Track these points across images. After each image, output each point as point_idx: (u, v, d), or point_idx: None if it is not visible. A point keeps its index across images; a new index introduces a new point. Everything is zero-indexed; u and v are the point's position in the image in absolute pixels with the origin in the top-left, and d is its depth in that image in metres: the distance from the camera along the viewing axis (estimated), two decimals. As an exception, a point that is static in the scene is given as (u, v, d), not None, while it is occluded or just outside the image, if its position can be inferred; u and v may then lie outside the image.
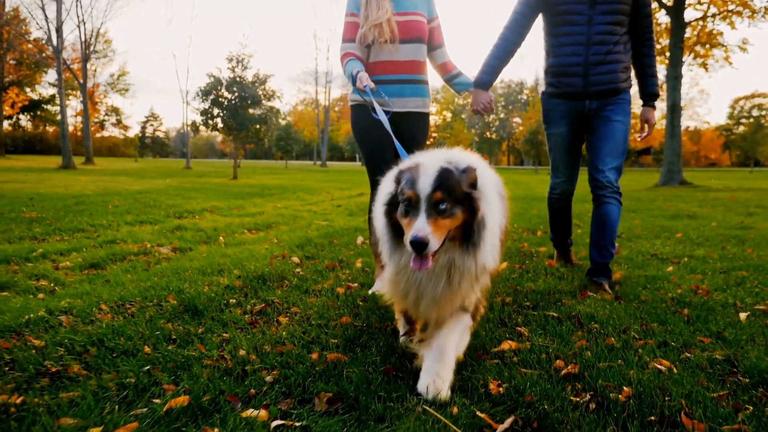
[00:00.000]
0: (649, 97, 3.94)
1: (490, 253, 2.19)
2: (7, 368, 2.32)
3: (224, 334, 2.82)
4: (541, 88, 4.16)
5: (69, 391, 2.10)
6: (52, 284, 3.98)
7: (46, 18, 29.83)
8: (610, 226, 3.82)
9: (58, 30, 29.17)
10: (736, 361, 2.43)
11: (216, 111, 23.54)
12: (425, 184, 2.02)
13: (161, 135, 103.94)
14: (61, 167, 28.58)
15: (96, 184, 16.01)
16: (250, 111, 23.75)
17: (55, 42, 29.57)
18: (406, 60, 3.67)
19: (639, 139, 4.30)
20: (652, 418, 1.92)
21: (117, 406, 1.98)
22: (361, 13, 3.61)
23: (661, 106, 24.58)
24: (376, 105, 3.32)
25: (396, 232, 2.20)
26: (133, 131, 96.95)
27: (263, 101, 24.14)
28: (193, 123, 24.47)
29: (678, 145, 19.48)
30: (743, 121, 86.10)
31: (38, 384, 2.17)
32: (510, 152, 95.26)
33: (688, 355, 2.53)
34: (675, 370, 2.33)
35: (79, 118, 56.80)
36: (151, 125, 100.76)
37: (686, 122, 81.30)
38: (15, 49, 41.06)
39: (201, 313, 3.19)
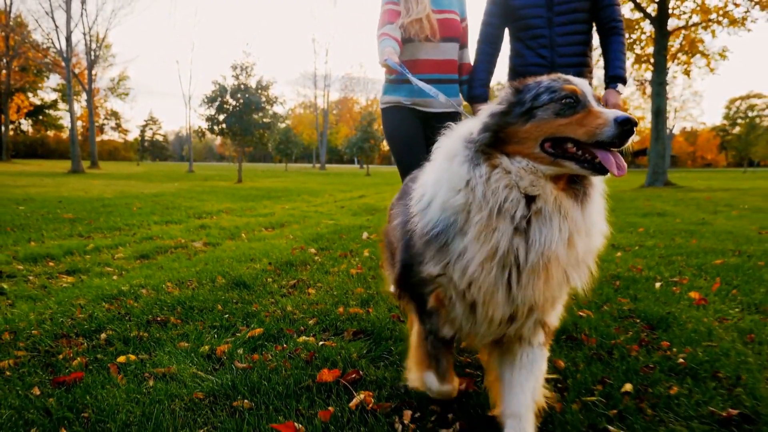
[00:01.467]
0: (611, 78, 3.74)
1: (600, 219, 1.71)
2: (125, 318, 3.33)
3: (271, 299, 3.83)
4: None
5: (176, 330, 3.11)
6: (117, 270, 4.96)
7: (56, 27, 30.85)
8: None
9: (68, 39, 30.18)
10: (637, 311, 3.44)
11: (221, 117, 24.55)
12: (580, 81, 1.67)
13: (160, 138, 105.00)
14: (70, 171, 29.57)
15: (111, 188, 17.01)
16: (254, 116, 24.76)
17: (64, 51, 30.56)
18: (444, 59, 3.64)
19: None
20: (563, 336, 2.93)
21: (216, 332, 3.00)
22: (402, 5, 3.53)
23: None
24: (410, 77, 3.10)
25: (492, 152, 1.64)
26: (132, 135, 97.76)
27: (267, 107, 25.16)
28: (199, 128, 25.48)
29: (662, 147, 20.52)
30: (739, 121, 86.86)
31: (152, 327, 3.17)
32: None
33: (606, 308, 3.55)
34: (592, 315, 3.34)
35: (80, 123, 57.87)
36: (151, 129, 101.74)
37: (682, 123, 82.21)
38: (21, 56, 42.10)
39: (249, 287, 4.19)
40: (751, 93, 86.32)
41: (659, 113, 20.54)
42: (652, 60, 20.65)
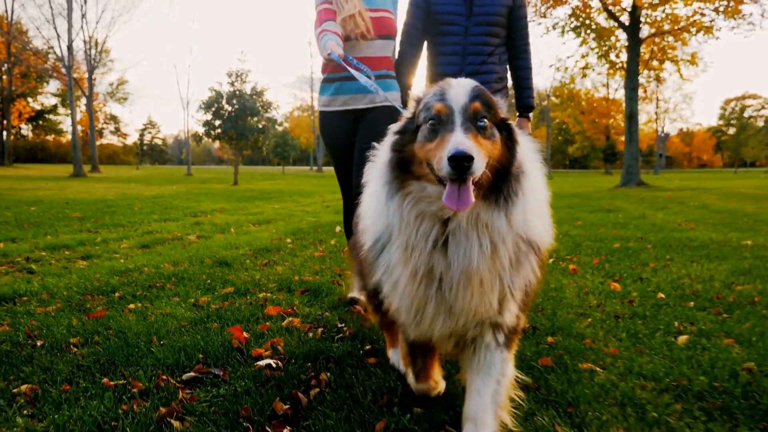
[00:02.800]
0: (524, 108, 3.98)
1: (535, 215, 1.69)
2: (132, 284, 4.41)
3: (246, 272, 4.92)
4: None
5: (171, 291, 4.20)
6: (123, 256, 6.03)
7: (58, 36, 32.01)
8: None
9: (69, 48, 31.28)
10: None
11: (217, 122, 25.65)
12: (460, 94, 1.63)
13: (159, 142, 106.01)
14: (73, 175, 30.64)
15: (113, 191, 18.08)
16: (250, 121, 25.87)
17: (66, 59, 31.65)
18: (379, 56, 3.64)
19: None
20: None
21: (200, 292, 4.09)
22: (334, 4, 3.56)
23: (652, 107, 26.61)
24: (353, 71, 3.09)
25: (403, 170, 1.68)
26: (131, 139, 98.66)
27: (261, 112, 26.28)
28: (196, 133, 26.59)
29: (635, 149, 21.65)
30: (734, 122, 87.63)
31: (153, 289, 4.26)
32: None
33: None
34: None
35: (80, 127, 59.08)
36: (149, 132, 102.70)
37: (678, 125, 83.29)
38: (22, 63, 43.20)
39: (230, 265, 5.27)
40: (746, 94, 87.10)
41: (632, 117, 21.65)
42: (625, 66, 21.77)
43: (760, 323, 3.19)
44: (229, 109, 25.79)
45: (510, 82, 4.04)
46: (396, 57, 3.86)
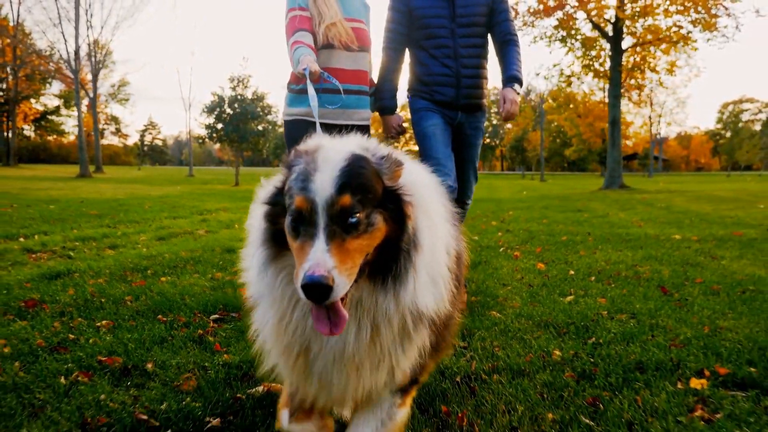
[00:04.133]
0: (508, 78, 3.83)
1: (427, 289, 1.52)
2: (159, 265, 5.50)
3: (249, 257, 6.02)
4: (404, 94, 4.19)
5: (191, 270, 5.29)
6: (144, 246, 7.12)
7: (65, 40, 33.12)
8: None
9: (76, 53, 32.41)
10: (472, 258, 5.62)
11: (219, 125, 26.76)
12: (324, 182, 1.35)
13: (159, 143, 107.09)
14: (79, 176, 31.73)
15: (122, 191, 19.19)
16: (251, 124, 26.98)
17: (72, 63, 32.77)
18: (359, 69, 3.52)
19: (501, 115, 3.87)
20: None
21: (215, 270, 5.19)
22: (313, 10, 3.37)
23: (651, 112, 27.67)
24: (311, 101, 2.71)
25: (279, 243, 1.50)
26: (132, 139, 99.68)
27: (262, 115, 27.41)
28: (199, 136, 27.71)
29: (618, 154, 22.78)
30: (731, 125, 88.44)
31: (177, 268, 5.34)
32: (503, 158, 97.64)
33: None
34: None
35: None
36: (150, 133, 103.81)
37: (673, 129, 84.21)
38: (27, 65, 44.32)
39: (235, 251, 6.36)
40: (744, 97, 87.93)
41: (615, 123, 22.77)
42: (609, 75, 22.91)
43: (632, 289, 4.29)
44: (231, 112, 26.89)
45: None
46: (381, 64, 3.87)
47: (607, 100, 23.19)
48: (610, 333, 3.17)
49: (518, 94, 3.80)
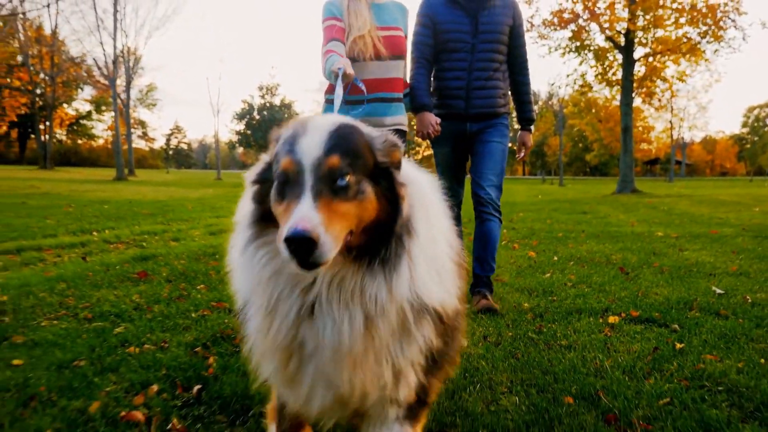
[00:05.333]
0: (525, 121, 4.22)
1: (431, 280, 1.45)
2: (220, 252, 6.80)
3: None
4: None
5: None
6: (199, 239, 8.41)
7: (104, 50, 35.00)
8: (492, 243, 4.11)
9: (114, 62, 34.20)
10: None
11: (249, 131, 28.27)
12: (313, 144, 1.33)
13: (185, 147, 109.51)
14: (115, 179, 33.47)
15: (161, 193, 20.66)
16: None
17: (111, 72, 34.60)
18: (390, 77, 3.52)
19: (518, 159, 4.70)
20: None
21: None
22: (345, 21, 3.41)
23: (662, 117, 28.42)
24: (336, 99, 2.55)
25: (267, 221, 1.42)
26: (157, 143, 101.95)
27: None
28: (230, 141, 29.25)
29: (630, 159, 23.77)
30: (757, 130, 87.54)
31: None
32: (524, 163, 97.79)
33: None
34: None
35: (110, 132, 62.63)
36: (176, 137, 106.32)
37: (696, 133, 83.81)
38: (63, 73, 46.39)
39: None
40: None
41: (627, 130, 23.77)
42: (621, 84, 23.91)
43: (598, 269, 5.48)
44: (259, 118, 28.40)
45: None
46: (411, 71, 3.94)
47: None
48: (567, 294, 4.38)
49: (531, 132, 4.33)
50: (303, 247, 1.16)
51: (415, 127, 4.02)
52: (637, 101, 26.58)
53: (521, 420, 2.22)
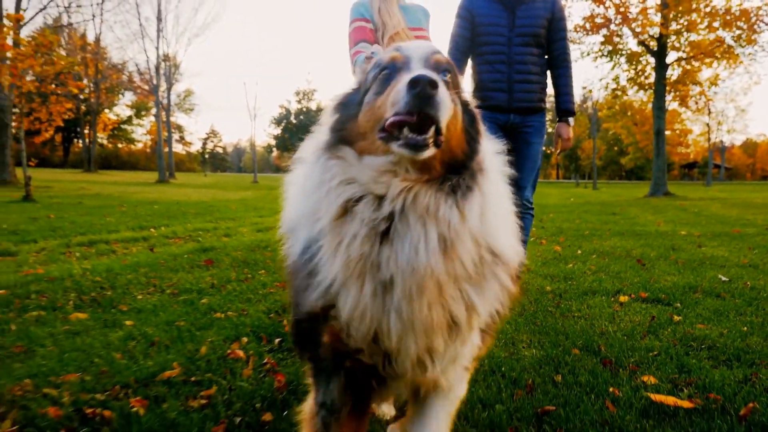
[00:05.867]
0: (563, 113, 4.14)
1: (501, 229, 1.41)
2: (271, 245, 7.49)
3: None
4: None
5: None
6: (247, 235, 9.12)
7: (147, 58, 36.46)
8: (524, 233, 3.95)
9: (157, 69, 35.59)
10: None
11: (286, 135, 29.15)
12: (419, 45, 1.44)
13: (220, 150, 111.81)
14: (158, 181, 34.79)
15: (203, 195, 21.61)
16: (314, 135, 29.24)
17: (154, 79, 36.01)
18: None
19: (556, 154, 4.55)
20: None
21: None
22: (377, 20, 3.41)
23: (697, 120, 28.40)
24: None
25: (340, 149, 1.37)
26: (194, 147, 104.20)
27: (324, 127, 29.64)
28: (268, 145, 30.15)
29: (663, 162, 23.89)
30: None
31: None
32: (558, 167, 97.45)
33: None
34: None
35: (149, 137, 64.74)
36: (212, 141, 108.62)
37: (735, 136, 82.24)
38: (107, 79, 48.21)
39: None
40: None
41: (659, 133, 23.91)
42: (653, 88, 24.09)
43: (617, 261, 5.98)
44: (296, 123, 29.25)
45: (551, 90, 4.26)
46: None
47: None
48: (585, 279, 4.92)
49: (571, 126, 4.15)
50: (428, 87, 1.16)
51: None
52: (674, 104, 26.63)
53: (535, 362, 2.81)
